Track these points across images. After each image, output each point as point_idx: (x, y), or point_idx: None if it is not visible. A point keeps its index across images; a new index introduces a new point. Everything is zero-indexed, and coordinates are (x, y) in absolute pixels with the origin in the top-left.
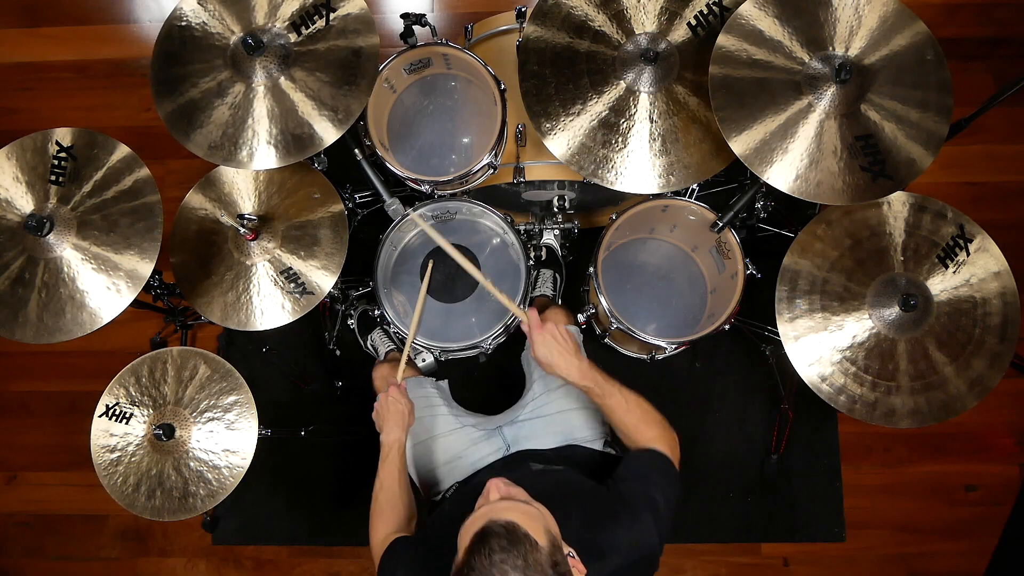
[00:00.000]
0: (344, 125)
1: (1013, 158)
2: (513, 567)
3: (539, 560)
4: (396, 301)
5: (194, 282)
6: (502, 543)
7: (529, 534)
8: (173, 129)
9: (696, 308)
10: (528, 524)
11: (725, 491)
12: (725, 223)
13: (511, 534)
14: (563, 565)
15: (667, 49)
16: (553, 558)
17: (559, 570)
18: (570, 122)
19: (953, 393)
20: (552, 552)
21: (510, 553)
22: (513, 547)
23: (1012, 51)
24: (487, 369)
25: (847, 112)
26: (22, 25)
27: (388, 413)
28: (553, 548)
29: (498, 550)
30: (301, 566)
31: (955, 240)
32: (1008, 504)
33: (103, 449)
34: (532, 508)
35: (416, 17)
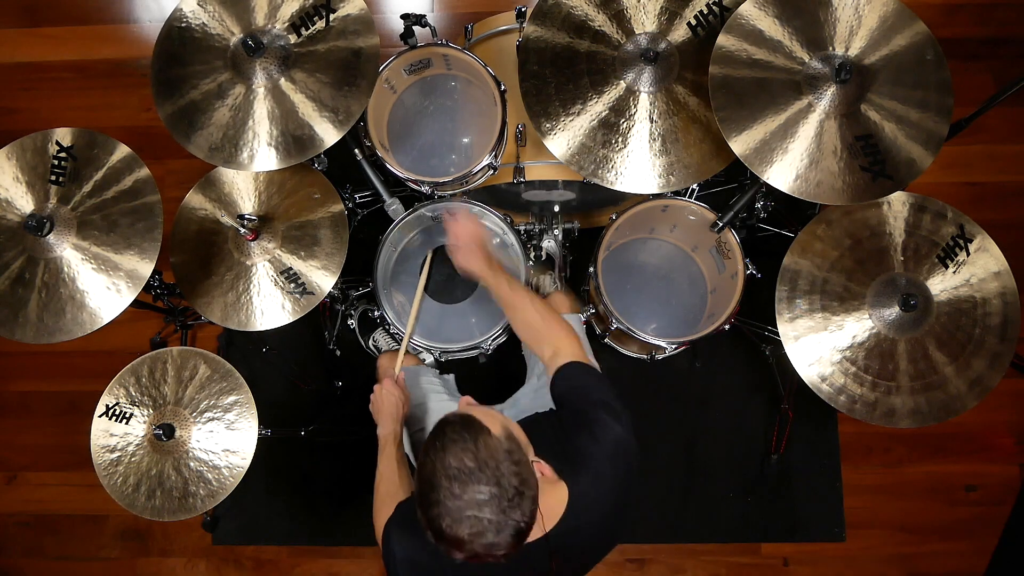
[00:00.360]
0: (344, 126)
1: (1013, 158)
2: (464, 449)
3: (491, 445)
4: (396, 301)
5: (194, 282)
6: (456, 429)
7: (483, 423)
8: (173, 130)
9: (696, 308)
10: (484, 417)
11: (725, 491)
12: (725, 223)
13: (465, 422)
14: (518, 454)
15: (667, 49)
16: (508, 446)
17: (514, 456)
18: (570, 122)
19: (953, 393)
20: (508, 441)
21: (462, 437)
22: (466, 431)
23: (1012, 51)
24: (487, 369)
25: (847, 112)
26: (22, 25)
27: (382, 405)
28: (509, 439)
29: (451, 436)
30: (301, 566)
31: (955, 240)
32: (1008, 504)
33: (103, 449)
34: (491, 410)
35: (416, 18)
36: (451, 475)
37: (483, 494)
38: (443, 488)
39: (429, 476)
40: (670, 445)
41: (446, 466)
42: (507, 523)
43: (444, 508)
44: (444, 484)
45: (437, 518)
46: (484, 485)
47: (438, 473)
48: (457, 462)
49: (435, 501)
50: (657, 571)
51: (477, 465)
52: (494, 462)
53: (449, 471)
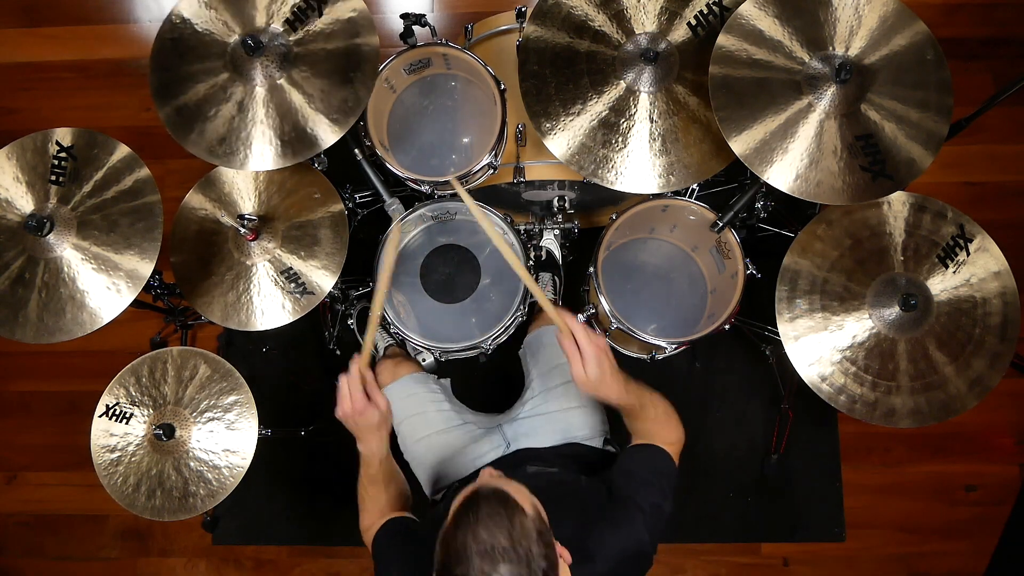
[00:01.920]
0: (344, 126)
1: (1013, 158)
2: (499, 527)
3: (526, 525)
4: (396, 301)
5: (194, 282)
6: (491, 504)
7: (518, 501)
8: (173, 130)
9: (696, 308)
10: (516, 494)
11: (725, 491)
12: (725, 223)
13: (500, 498)
14: (548, 535)
15: (667, 49)
16: (538, 527)
17: (544, 539)
18: (570, 122)
19: (953, 393)
20: (539, 521)
21: (499, 514)
22: (502, 509)
23: (1012, 51)
24: (487, 369)
25: (847, 112)
26: (22, 25)
27: (359, 430)
28: (539, 520)
29: (486, 511)
30: (301, 566)
31: (955, 240)
32: (1008, 504)
33: (103, 449)
34: (521, 486)
35: (416, 17)
36: (483, 551)
37: (512, 574)
38: (473, 564)
39: (459, 549)
40: None
41: (479, 541)
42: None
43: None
44: (476, 561)
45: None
46: (515, 566)
47: (469, 548)
48: (491, 538)
49: (461, 575)
50: (657, 571)
51: (511, 544)
52: (527, 542)
53: (482, 547)
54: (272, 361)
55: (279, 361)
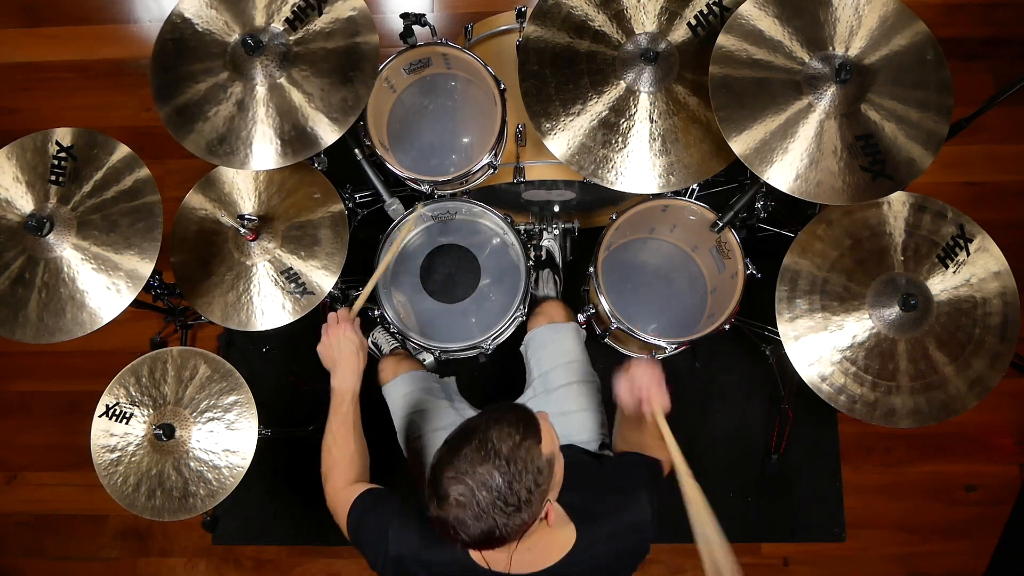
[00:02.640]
0: (344, 125)
1: (1013, 158)
2: (510, 437)
3: (531, 455)
4: (396, 301)
5: (194, 282)
6: (518, 418)
7: (541, 435)
8: (173, 129)
9: (696, 308)
10: (545, 433)
11: (725, 491)
12: (725, 223)
13: (528, 420)
14: (543, 481)
15: (667, 49)
16: (540, 467)
17: (538, 479)
18: (570, 122)
19: (953, 393)
20: (545, 465)
21: (517, 428)
22: (524, 426)
23: (1012, 51)
24: (487, 369)
25: (847, 112)
26: (22, 25)
27: (340, 353)
28: (547, 465)
29: (510, 419)
30: (301, 566)
31: (955, 240)
32: (1008, 504)
33: (103, 449)
34: (555, 435)
35: (416, 17)
36: (484, 445)
37: (493, 481)
38: (470, 448)
39: (467, 432)
40: None
41: (487, 438)
42: (488, 519)
43: (456, 462)
44: (473, 445)
45: (445, 464)
46: (500, 476)
47: (475, 435)
48: (496, 440)
49: (455, 450)
50: (657, 571)
51: (509, 456)
52: (521, 467)
53: (486, 443)
54: (272, 361)
55: (279, 361)
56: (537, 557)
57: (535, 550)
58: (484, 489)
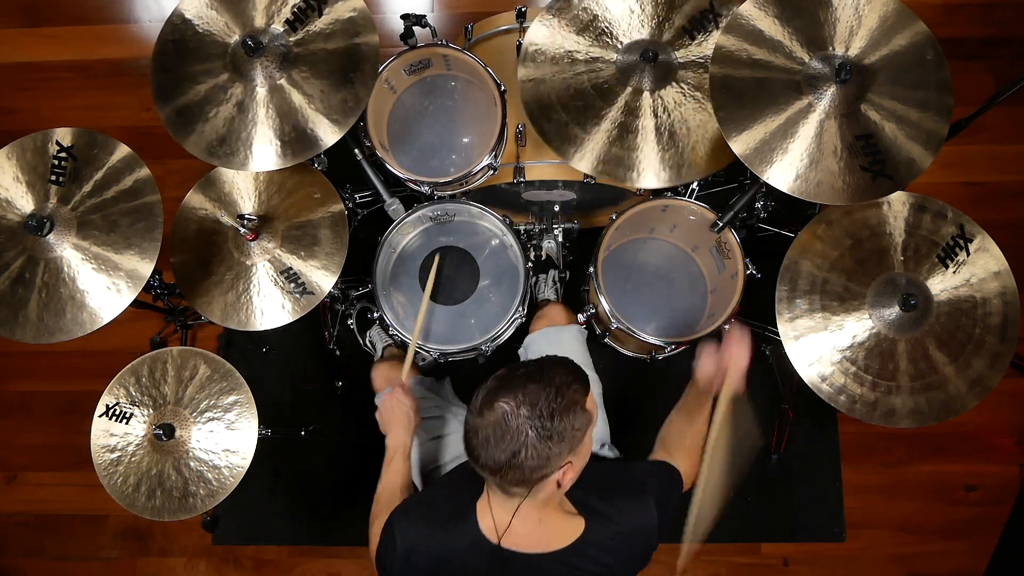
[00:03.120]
0: (344, 126)
1: (1013, 158)
2: (563, 375)
3: (579, 398)
4: (396, 302)
5: (194, 282)
6: (575, 365)
7: (589, 389)
8: (173, 130)
9: (696, 308)
10: (590, 395)
11: (725, 491)
12: (725, 223)
13: (581, 372)
14: (580, 428)
15: (665, 52)
16: (580, 411)
17: (576, 422)
18: (590, 138)
19: (953, 393)
20: (586, 416)
21: (572, 374)
22: (576, 375)
23: (1012, 51)
24: (486, 371)
25: (847, 112)
26: (22, 25)
27: (393, 415)
28: (587, 419)
29: (568, 364)
30: (301, 566)
31: (955, 240)
32: (1008, 504)
33: (103, 449)
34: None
35: (416, 18)
36: (540, 373)
37: (539, 400)
38: (526, 372)
39: (527, 363)
40: None
41: (543, 367)
42: (519, 438)
43: (511, 381)
44: (531, 370)
45: (499, 381)
46: (545, 400)
47: (534, 365)
48: (552, 374)
49: (511, 373)
50: (657, 571)
51: (559, 389)
52: (567, 403)
53: (542, 371)
54: (272, 361)
55: (279, 361)
56: (543, 538)
57: (543, 527)
58: (527, 405)
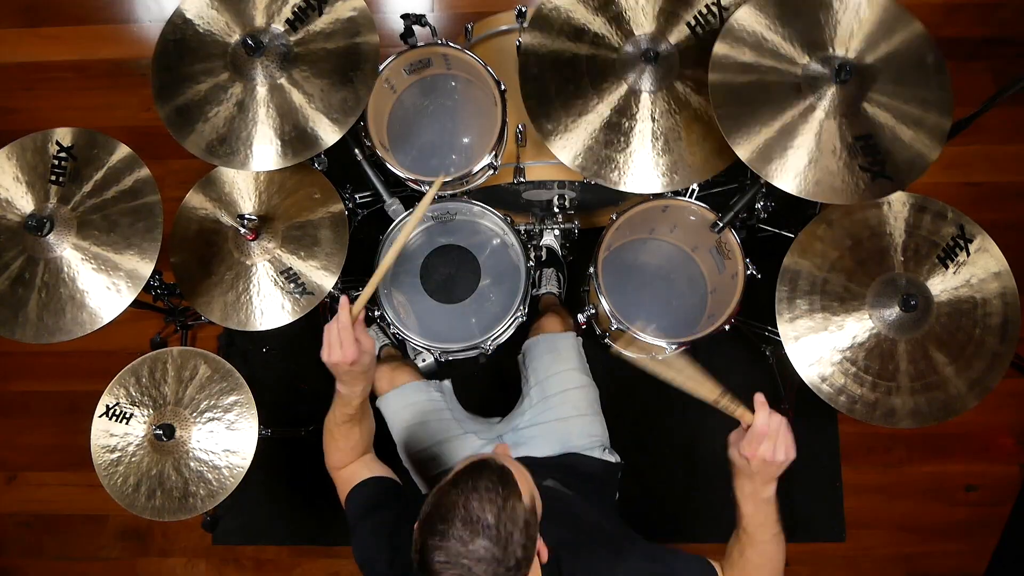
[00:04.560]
0: (344, 126)
1: (1013, 158)
2: (491, 502)
3: (516, 510)
4: (396, 302)
5: (194, 282)
6: (492, 479)
7: (518, 485)
8: (173, 130)
9: (696, 308)
10: (520, 478)
11: (725, 491)
12: (725, 223)
13: (502, 476)
14: (534, 528)
15: (667, 49)
16: (527, 517)
17: (529, 531)
18: (573, 124)
19: (953, 393)
20: (530, 513)
21: (495, 491)
22: (500, 487)
23: (1012, 51)
24: (487, 369)
25: (847, 112)
26: (22, 25)
27: (348, 373)
28: (532, 512)
29: (485, 483)
30: (301, 566)
31: (955, 240)
32: (1008, 504)
33: (103, 449)
34: (525, 472)
35: (416, 17)
36: (468, 519)
37: (487, 552)
38: (455, 528)
39: (447, 509)
40: (670, 445)
41: (468, 508)
42: None
43: (446, 545)
44: (458, 525)
45: (432, 549)
46: (493, 545)
47: (457, 511)
48: (479, 510)
49: (440, 533)
50: None
51: (496, 523)
52: (511, 527)
53: (469, 515)
54: (272, 361)
55: (279, 361)
56: None
57: None
58: (480, 564)
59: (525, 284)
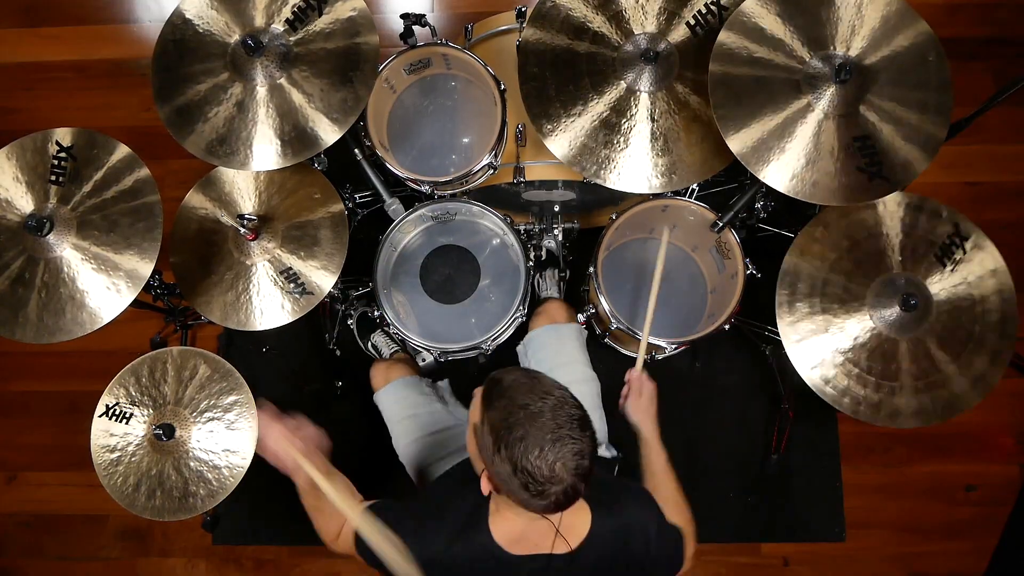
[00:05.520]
0: (344, 125)
1: (1013, 158)
2: (577, 408)
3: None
4: (396, 302)
5: (194, 282)
6: (576, 413)
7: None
8: (173, 130)
9: (696, 308)
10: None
11: (725, 491)
12: (725, 223)
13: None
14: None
15: (666, 49)
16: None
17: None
18: (571, 123)
19: (956, 391)
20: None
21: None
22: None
23: (1012, 51)
24: (485, 371)
25: (846, 112)
26: (22, 25)
27: (273, 447)
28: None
29: (567, 394)
30: (301, 566)
31: (951, 239)
32: (1008, 504)
33: (103, 449)
34: None
35: (416, 17)
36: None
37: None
38: (566, 419)
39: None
40: (670, 445)
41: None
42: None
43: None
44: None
45: (519, 420)
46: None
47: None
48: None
49: (553, 426)
50: None
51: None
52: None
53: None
54: (272, 361)
55: (279, 361)
56: (558, 538)
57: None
58: (579, 445)
59: (525, 284)
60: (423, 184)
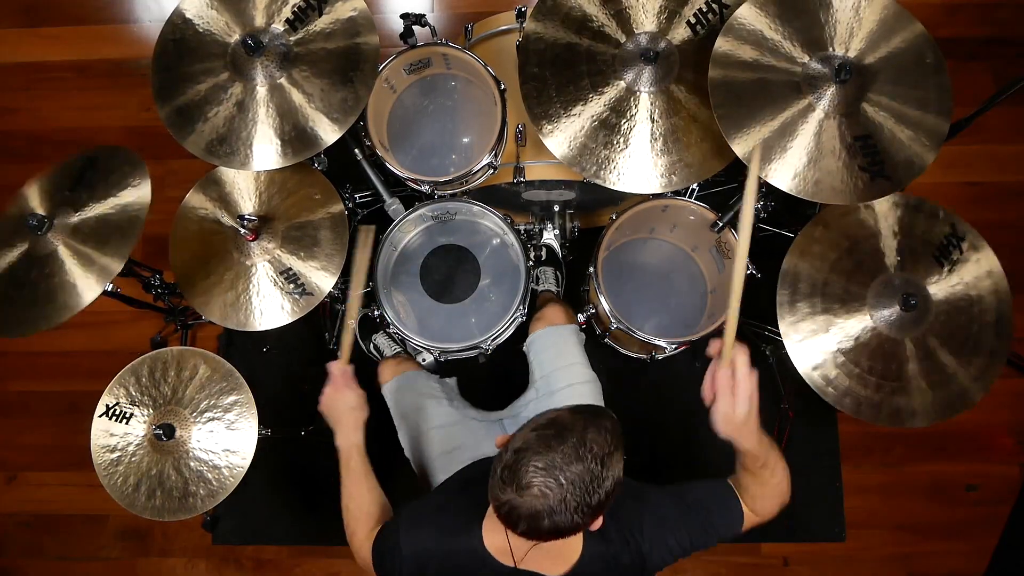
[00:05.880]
0: (344, 125)
1: (1013, 158)
2: (606, 442)
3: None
4: (396, 301)
5: (194, 282)
6: (613, 424)
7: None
8: (173, 130)
9: (696, 308)
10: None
11: None
12: (725, 223)
13: (619, 428)
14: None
15: (667, 48)
16: (618, 475)
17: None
18: (571, 123)
19: (956, 391)
20: (621, 472)
21: (613, 433)
22: (616, 435)
23: (1012, 51)
24: (488, 368)
25: (846, 112)
26: (22, 25)
27: (335, 411)
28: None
29: (607, 423)
30: (301, 566)
31: (948, 239)
32: (1008, 504)
33: (103, 449)
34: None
35: (416, 17)
36: (582, 443)
37: (580, 479)
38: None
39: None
40: (670, 445)
41: (585, 439)
42: (565, 516)
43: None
44: (572, 445)
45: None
46: (588, 476)
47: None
48: (593, 442)
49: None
50: None
51: (602, 458)
52: (608, 474)
53: (584, 444)
54: (272, 361)
55: (279, 361)
56: (548, 560)
57: (552, 551)
58: (574, 488)
59: (525, 284)
60: (423, 184)
